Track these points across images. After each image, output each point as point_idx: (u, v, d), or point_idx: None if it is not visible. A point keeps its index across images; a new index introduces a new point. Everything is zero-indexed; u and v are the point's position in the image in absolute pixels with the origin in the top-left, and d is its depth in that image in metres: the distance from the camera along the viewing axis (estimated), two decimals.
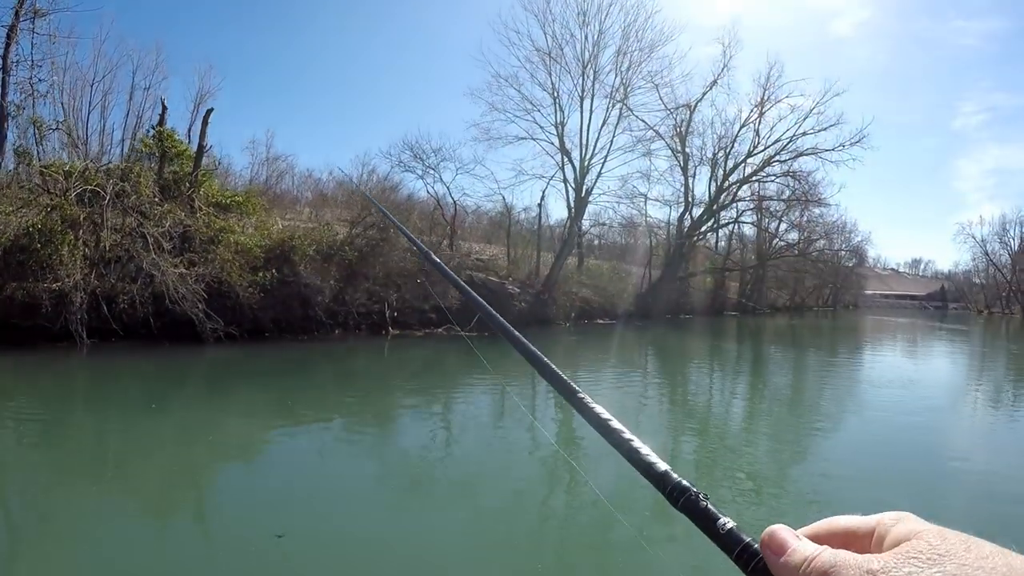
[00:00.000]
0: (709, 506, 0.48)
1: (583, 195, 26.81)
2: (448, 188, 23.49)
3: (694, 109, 31.93)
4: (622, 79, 27.41)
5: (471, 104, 51.69)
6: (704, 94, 31.91)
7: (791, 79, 32.36)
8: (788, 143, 32.27)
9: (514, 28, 28.23)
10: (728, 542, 0.46)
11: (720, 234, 39.72)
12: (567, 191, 27.06)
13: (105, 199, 15.36)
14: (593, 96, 27.05)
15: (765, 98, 31.52)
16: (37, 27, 18.82)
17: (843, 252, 42.96)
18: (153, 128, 18.72)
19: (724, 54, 32.08)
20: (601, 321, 28.42)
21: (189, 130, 29.33)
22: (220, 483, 6.49)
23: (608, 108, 27.24)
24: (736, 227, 38.29)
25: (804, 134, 31.57)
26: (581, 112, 27.23)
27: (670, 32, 35.81)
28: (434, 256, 1.16)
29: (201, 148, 17.90)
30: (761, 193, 35.71)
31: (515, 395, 11.96)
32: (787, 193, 34.59)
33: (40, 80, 18.36)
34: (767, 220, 37.77)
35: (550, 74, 27.02)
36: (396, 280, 19.52)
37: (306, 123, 54.08)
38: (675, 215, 34.78)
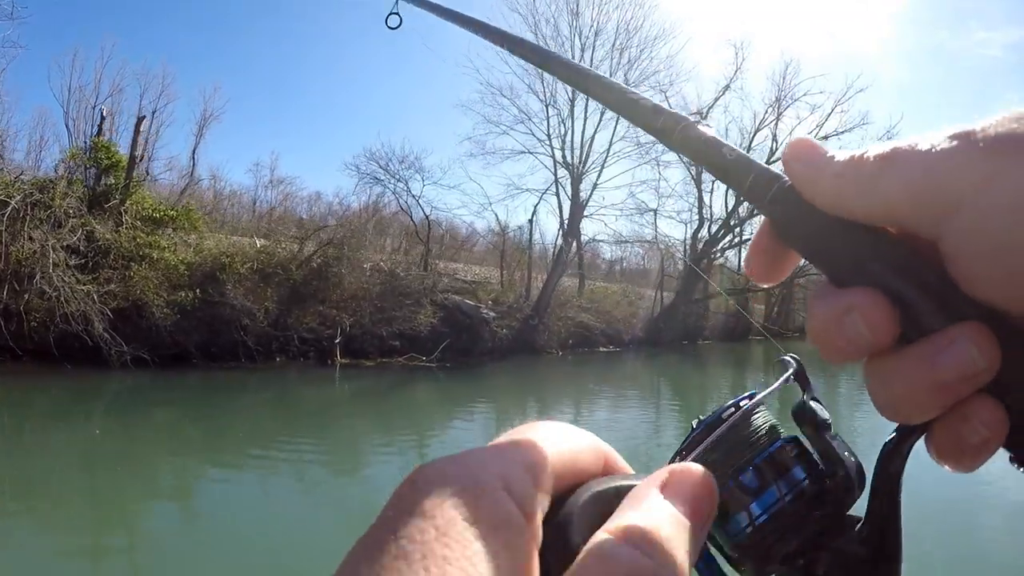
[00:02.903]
0: (712, 133, 0.38)
1: (576, 208, 24.40)
2: (418, 200, 21.38)
3: (706, 116, 29.39)
4: (623, 77, 25.11)
5: (461, 116, 49.75)
6: (716, 99, 29.44)
7: (809, 76, 29.17)
8: None
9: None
10: (737, 171, 0.35)
11: (742, 253, 36.78)
12: (560, 205, 24.76)
13: (6, 211, 13.69)
14: (588, 99, 24.83)
15: (781, 96, 28.76)
16: None
17: None
18: (90, 139, 17.19)
19: (737, 56, 29.64)
20: (604, 349, 25.74)
21: (194, 152, 28.63)
22: (124, 521, 6.04)
23: (603, 111, 24.91)
24: None
25: (826, 137, 28.65)
26: (572, 118, 25.00)
27: (671, 29, 32.40)
28: None
29: (132, 159, 16.29)
30: None
31: None
32: None
33: None
34: None
35: (543, 79, 24.85)
36: (352, 304, 17.35)
37: (313, 145, 52.93)
38: (690, 233, 32.13)
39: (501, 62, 31.03)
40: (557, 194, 25.12)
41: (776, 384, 0.36)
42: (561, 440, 0.30)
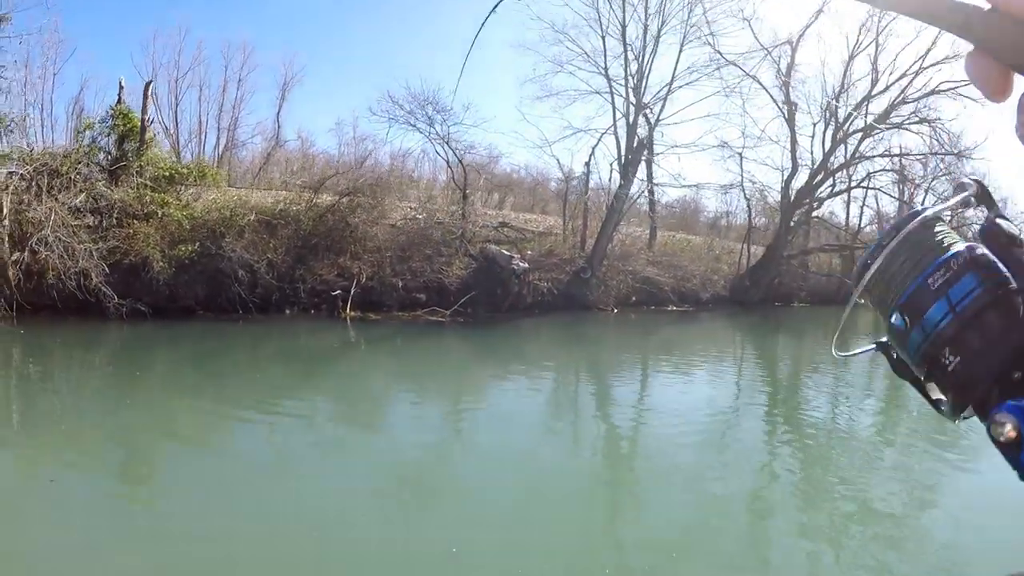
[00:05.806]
0: None
1: (636, 148, 21.64)
2: (447, 144, 19.69)
3: (796, 46, 25.46)
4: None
5: (517, 56, 47.29)
6: (807, 26, 25.48)
7: None
8: (915, 77, 24.67)
9: None
10: (951, 12, 0.38)
11: (851, 209, 31.89)
12: (618, 147, 22.08)
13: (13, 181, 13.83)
14: (646, 25, 21.95)
15: (880, 13, 24.22)
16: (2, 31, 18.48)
17: None
18: (111, 107, 17.23)
19: None
20: (676, 308, 22.92)
21: (278, 115, 29.67)
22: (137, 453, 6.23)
23: (659, 31, 21.92)
24: (868, 196, 30.35)
25: (935, 64, 23.80)
26: (624, 45, 22.15)
27: None
28: None
29: (143, 122, 16.10)
30: (892, 150, 27.83)
31: None
32: (923, 148, 26.34)
33: (2, 78, 17.89)
34: (907, 188, 29.35)
35: (598, 9, 22.24)
36: (373, 255, 16.17)
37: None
38: (783, 180, 28.09)
39: None
40: (616, 135, 22.50)
41: (951, 201, 0.38)
42: None
